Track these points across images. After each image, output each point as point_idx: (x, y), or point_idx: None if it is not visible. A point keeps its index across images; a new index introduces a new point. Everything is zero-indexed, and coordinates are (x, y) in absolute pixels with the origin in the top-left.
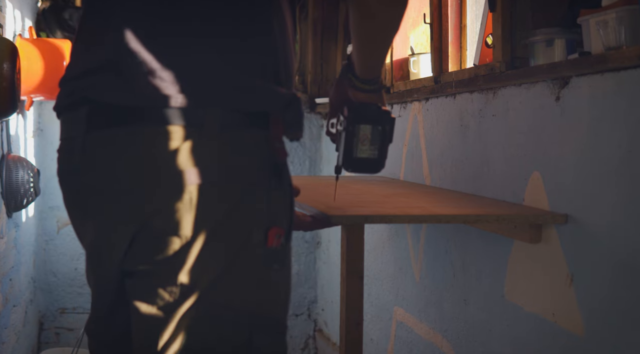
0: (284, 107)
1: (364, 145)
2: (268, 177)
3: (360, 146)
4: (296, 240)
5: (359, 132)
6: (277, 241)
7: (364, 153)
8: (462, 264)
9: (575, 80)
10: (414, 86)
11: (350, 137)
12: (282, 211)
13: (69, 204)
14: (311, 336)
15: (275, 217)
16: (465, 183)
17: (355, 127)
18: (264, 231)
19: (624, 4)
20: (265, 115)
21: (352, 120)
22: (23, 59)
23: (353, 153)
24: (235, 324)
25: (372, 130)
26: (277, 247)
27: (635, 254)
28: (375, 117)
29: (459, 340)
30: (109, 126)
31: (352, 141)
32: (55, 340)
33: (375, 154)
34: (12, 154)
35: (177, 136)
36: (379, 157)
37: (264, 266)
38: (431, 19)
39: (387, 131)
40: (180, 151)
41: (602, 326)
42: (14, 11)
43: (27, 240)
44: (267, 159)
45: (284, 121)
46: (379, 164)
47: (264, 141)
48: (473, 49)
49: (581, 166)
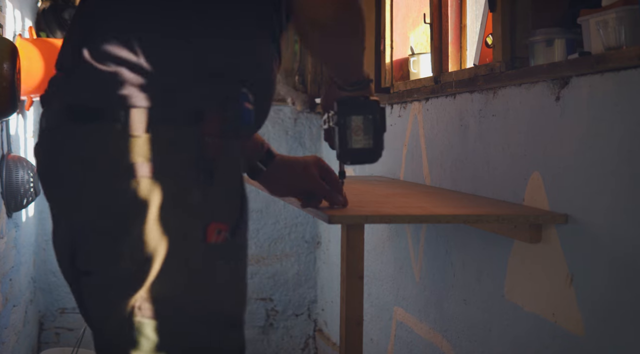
0: (220, 104)
1: (357, 136)
2: (198, 173)
3: (355, 137)
4: (296, 240)
5: (351, 124)
6: (218, 236)
7: (358, 143)
8: (462, 264)
9: (575, 80)
10: (414, 86)
11: (343, 129)
12: (222, 206)
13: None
14: (311, 336)
15: (214, 212)
16: (465, 183)
17: (347, 119)
18: (202, 227)
19: (624, 4)
20: (199, 112)
21: (342, 112)
22: (23, 59)
23: (348, 144)
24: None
25: (364, 120)
26: (220, 242)
27: (635, 254)
28: (365, 107)
29: (459, 340)
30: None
31: (346, 133)
32: (55, 340)
33: (370, 143)
34: (12, 154)
35: (107, 133)
36: (374, 146)
37: (206, 262)
38: (431, 19)
39: (379, 119)
40: (111, 148)
41: (602, 326)
42: (14, 11)
43: (27, 240)
44: (197, 155)
45: (224, 118)
46: (375, 153)
47: (193, 137)
48: (473, 49)
49: (581, 166)
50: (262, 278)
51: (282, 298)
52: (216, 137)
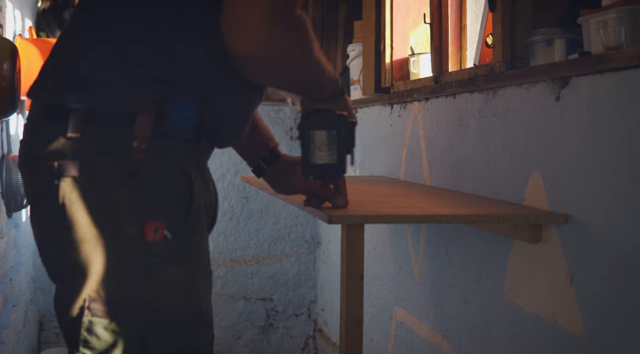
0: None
1: (321, 151)
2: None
3: (318, 152)
4: (296, 240)
5: (314, 139)
6: (156, 235)
7: (321, 159)
8: (462, 264)
9: (575, 80)
10: (414, 86)
11: (307, 143)
12: (158, 206)
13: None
14: (311, 336)
15: (149, 212)
16: (465, 183)
17: (310, 134)
18: (139, 225)
19: (624, 4)
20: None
21: (305, 127)
22: (23, 59)
23: (311, 159)
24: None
25: (327, 135)
26: (158, 241)
27: (635, 254)
28: (328, 122)
29: (459, 340)
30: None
31: (309, 148)
32: (55, 340)
33: (334, 159)
34: (12, 154)
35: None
36: (338, 162)
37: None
38: (431, 19)
39: (343, 135)
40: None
41: (602, 326)
42: (14, 11)
43: (27, 240)
44: (125, 156)
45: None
46: (338, 169)
47: (122, 139)
48: (473, 49)
49: (581, 166)
50: (262, 278)
51: (282, 298)
52: (145, 140)
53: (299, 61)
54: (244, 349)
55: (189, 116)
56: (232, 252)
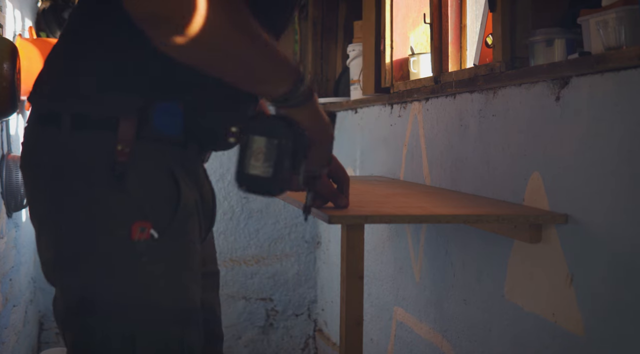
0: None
1: (257, 161)
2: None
3: (253, 162)
4: (296, 240)
5: (252, 145)
6: (142, 234)
7: (256, 169)
8: (462, 264)
9: (575, 80)
10: (414, 86)
11: (244, 149)
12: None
13: None
14: (311, 336)
15: (136, 212)
16: (465, 183)
17: (249, 139)
18: (126, 225)
19: (624, 4)
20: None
21: (245, 130)
22: (23, 59)
23: (244, 168)
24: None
25: (267, 143)
26: (145, 240)
27: (635, 254)
28: (272, 129)
29: (459, 340)
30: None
31: (245, 154)
32: (55, 340)
33: (269, 172)
34: (12, 154)
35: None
36: (272, 176)
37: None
38: (431, 19)
39: (286, 146)
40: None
41: (602, 326)
42: (14, 11)
43: (27, 240)
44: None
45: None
46: (272, 185)
47: (103, 143)
48: (473, 49)
49: (581, 166)
50: (262, 278)
51: (282, 298)
52: (129, 143)
53: (221, 36)
54: (244, 349)
55: (173, 119)
56: (232, 252)
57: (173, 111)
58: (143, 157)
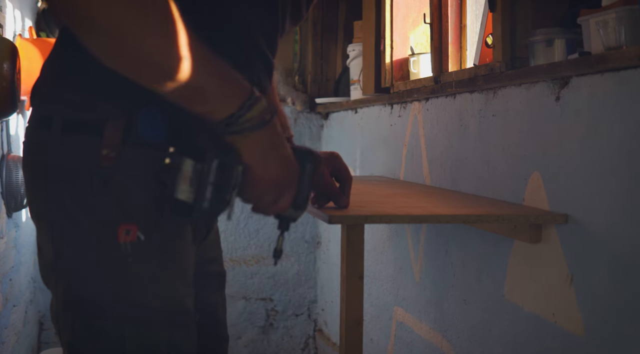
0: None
1: (184, 184)
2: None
3: (181, 185)
4: (296, 240)
5: (182, 167)
6: (127, 236)
7: (182, 194)
8: (462, 264)
9: (575, 80)
10: (414, 86)
11: (175, 171)
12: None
13: None
14: (311, 336)
15: (122, 215)
16: (465, 183)
17: (180, 160)
18: (112, 228)
19: (624, 4)
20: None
21: (178, 151)
22: (23, 59)
23: (173, 191)
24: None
25: (193, 167)
26: (131, 242)
27: (634, 254)
28: (199, 152)
29: (459, 340)
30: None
31: (176, 177)
32: (55, 340)
33: (190, 198)
34: (12, 154)
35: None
36: (195, 203)
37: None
38: (431, 19)
39: (211, 173)
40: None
41: (602, 326)
42: (14, 11)
43: (27, 240)
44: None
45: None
46: (192, 211)
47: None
48: (473, 49)
49: (581, 166)
50: (262, 278)
51: (282, 298)
52: (115, 148)
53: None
54: (244, 349)
55: (159, 124)
56: (232, 252)
57: (159, 116)
58: (129, 162)
